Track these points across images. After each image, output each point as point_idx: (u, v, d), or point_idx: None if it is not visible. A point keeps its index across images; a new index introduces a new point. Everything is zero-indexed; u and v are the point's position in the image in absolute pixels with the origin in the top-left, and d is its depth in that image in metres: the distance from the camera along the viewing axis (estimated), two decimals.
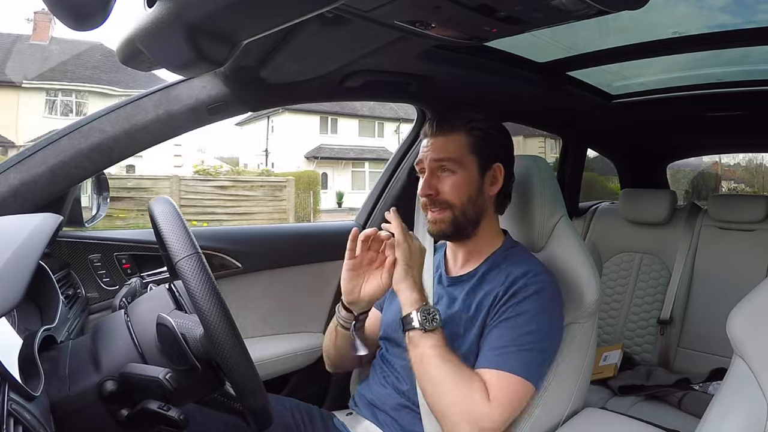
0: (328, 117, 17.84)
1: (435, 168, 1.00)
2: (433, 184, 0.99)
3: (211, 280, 0.63)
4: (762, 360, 0.74)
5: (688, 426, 1.28)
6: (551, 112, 1.79)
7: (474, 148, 1.00)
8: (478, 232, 1.03)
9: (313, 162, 16.92)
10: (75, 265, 1.12)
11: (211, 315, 0.62)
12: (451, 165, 0.99)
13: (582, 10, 0.73)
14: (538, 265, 0.98)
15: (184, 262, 0.62)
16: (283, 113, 16.73)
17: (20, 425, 0.49)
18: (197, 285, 0.62)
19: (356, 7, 0.76)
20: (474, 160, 1.00)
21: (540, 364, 0.91)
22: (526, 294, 0.92)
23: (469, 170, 1.00)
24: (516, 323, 0.90)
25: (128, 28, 0.61)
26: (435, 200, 0.99)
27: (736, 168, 11.71)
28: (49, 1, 0.50)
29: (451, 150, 0.99)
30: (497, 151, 1.03)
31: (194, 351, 0.66)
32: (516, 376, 0.87)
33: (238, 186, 9.07)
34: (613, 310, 2.03)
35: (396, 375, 1.02)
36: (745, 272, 1.76)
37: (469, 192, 0.99)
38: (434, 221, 1.01)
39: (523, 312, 0.91)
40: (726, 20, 1.17)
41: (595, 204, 2.28)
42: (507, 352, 0.88)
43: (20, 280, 0.53)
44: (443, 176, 1.00)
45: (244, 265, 1.34)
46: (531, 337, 0.89)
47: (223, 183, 9.13)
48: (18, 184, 0.96)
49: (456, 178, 0.99)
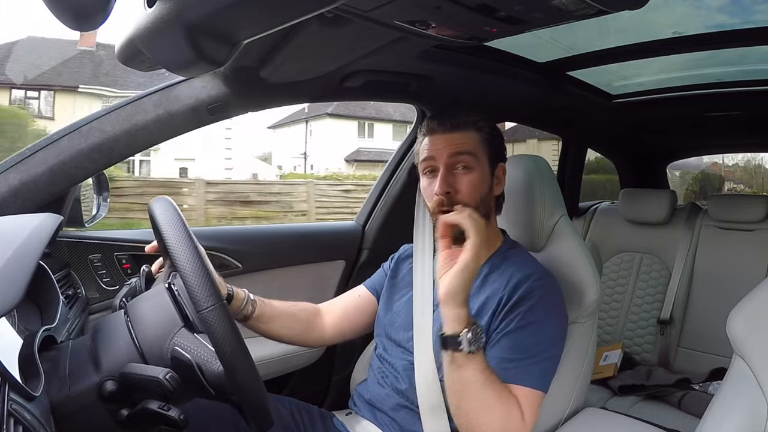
0: (365, 122, 18.41)
1: (451, 164, 0.96)
2: (451, 182, 0.95)
3: (237, 332, 0.64)
4: (762, 360, 0.74)
5: (688, 426, 1.28)
6: (551, 112, 1.79)
7: (485, 146, 0.98)
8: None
9: (353, 164, 17.34)
10: (75, 265, 1.12)
11: (236, 367, 0.63)
12: (470, 160, 0.96)
13: (582, 10, 0.73)
14: (540, 268, 0.97)
15: (210, 314, 0.62)
16: (324, 118, 17.43)
17: (20, 425, 0.49)
18: (223, 337, 0.62)
19: (356, 7, 0.75)
20: (486, 158, 0.98)
21: (551, 372, 0.90)
22: (532, 302, 0.90)
23: (483, 168, 0.98)
24: (526, 333, 0.89)
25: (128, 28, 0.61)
26: (453, 199, 0.94)
27: (734, 168, 11.86)
28: (49, 1, 0.50)
29: (467, 145, 0.97)
30: (502, 151, 1.03)
31: (210, 382, 0.66)
32: (536, 391, 0.86)
33: (359, 189, 9.70)
34: (613, 309, 2.03)
35: (395, 375, 1.02)
36: (745, 272, 1.76)
37: (482, 191, 0.97)
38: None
39: (533, 321, 0.89)
40: (724, 20, 1.17)
41: (595, 204, 2.28)
42: (523, 365, 0.87)
43: (20, 280, 0.53)
44: (460, 173, 0.96)
45: (244, 265, 1.34)
46: (542, 346, 0.88)
47: (347, 187, 9.84)
48: (18, 184, 0.96)
49: (473, 175, 0.96)
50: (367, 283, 1.18)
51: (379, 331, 1.09)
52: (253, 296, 1.01)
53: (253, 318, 1.00)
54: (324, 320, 1.13)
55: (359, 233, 1.60)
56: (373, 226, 1.60)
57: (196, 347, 0.67)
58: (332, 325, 1.13)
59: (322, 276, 1.49)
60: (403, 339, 1.02)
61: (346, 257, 1.54)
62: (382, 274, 1.17)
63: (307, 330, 1.09)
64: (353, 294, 1.18)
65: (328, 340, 1.14)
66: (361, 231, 1.61)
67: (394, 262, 1.16)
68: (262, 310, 1.01)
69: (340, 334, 1.14)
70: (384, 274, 1.16)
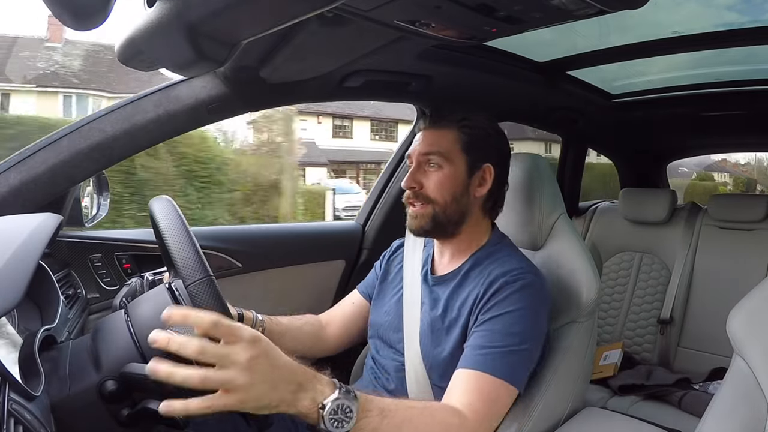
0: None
1: (422, 161, 0.99)
2: (418, 178, 0.98)
3: (226, 308, 0.63)
4: (762, 359, 0.74)
5: (688, 426, 1.28)
6: (551, 112, 1.79)
7: (464, 146, 0.98)
8: (461, 233, 1.00)
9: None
10: (75, 265, 1.12)
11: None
12: (438, 159, 0.97)
13: (582, 9, 0.73)
14: (522, 263, 0.95)
15: (196, 287, 0.62)
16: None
17: (20, 425, 0.49)
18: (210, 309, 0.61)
19: (356, 7, 0.76)
20: (463, 157, 0.98)
21: (523, 366, 0.88)
22: (508, 292, 0.89)
23: (456, 167, 0.98)
24: (498, 323, 0.87)
25: (128, 28, 0.61)
26: (418, 194, 0.98)
27: (746, 167, 12.48)
28: (49, 1, 0.50)
29: (440, 144, 0.98)
30: (489, 151, 1.00)
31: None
32: (496, 378, 0.83)
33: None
34: (613, 309, 2.03)
35: (386, 376, 1.01)
36: (745, 272, 1.76)
37: (453, 190, 0.97)
38: (414, 216, 0.99)
39: (506, 312, 0.88)
40: (733, 19, 1.16)
41: (595, 203, 2.28)
42: (489, 353, 0.85)
43: (20, 280, 0.53)
44: (429, 170, 0.98)
45: (244, 265, 1.34)
46: (513, 339, 0.86)
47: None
48: (18, 184, 0.96)
49: (441, 173, 0.97)
50: (360, 287, 1.19)
51: (372, 332, 1.09)
52: (261, 316, 1.02)
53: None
54: (327, 331, 1.14)
55: (359, 233, 1.60)
56: (373, 226, 1.60)
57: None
58: (335, 336, 1.14)
59: (322, 276, 1.49)
60: (393, 340, 1.02)
61: (346, 257, 1.55)
62: (373, 276, 1.18)
63: (314, 343, 1.11)
64: (348, 302, 1.19)
65: (332, 351, 1.15)
66: (361, 231, 1.61)
67: (385, 261, 1.16)
68: (270, 328, 1.02)
69: (342, 343, 1.16)
70: (375, 276, 1.17)
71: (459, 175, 0.98)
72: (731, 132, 2.14)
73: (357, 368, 1.23)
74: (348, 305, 1.18)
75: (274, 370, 0.61)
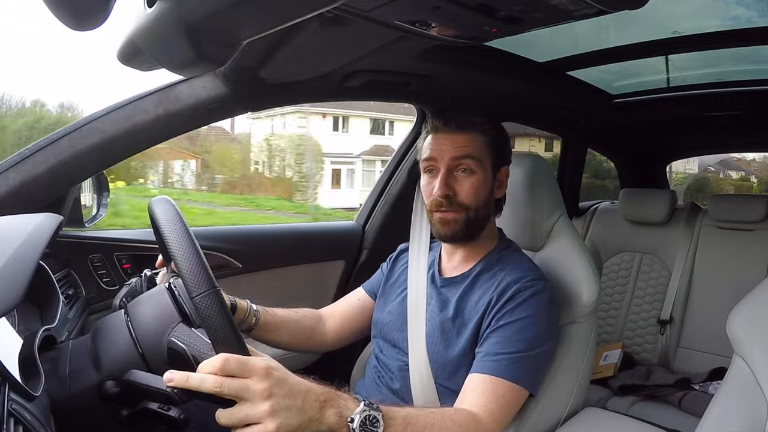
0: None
1: (453, 166, 0.96)
2: (451, 184, 0.95)
3: (231, 319, 0.61)
4: (762, 360, 0.74)
5: (688, 426, 1.28)
6: (551, 112, 1.79)
7: (490, 149, 0.98)
8: (481, 235, 1.01)
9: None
10: (75, 265, 1.12)
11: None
12: (471, 164, 0.95)
13: (582, 9, 0.73)
14: (533, 270, 0.96)
15: (202, 300, 0.61)
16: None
17: (20, 425, 0.49)
18: (216, 324, 0.60)
19: (356, 7, 0.75)
20: (490, 161, 0.98)
21: (537, 370, 0.90)
22: (520, 299, 0.90)
23: (486, 171, 0.97)
24: (512, 329, 0.89)
25: (128, 28, 0.61)
26: (452, 201, 0.95)
27: (752, 163, 13.00)
28: (49, 1, 0.50)
29: (472, 149, 0.96)
30: (507, 154, 1.02)
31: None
32: (510, 383, 0.85)
33: None
34: (613, 309, 2.03)
35: (390, 375, 1.01)
36: (745, 272, 1.76)
37: (484, 195, 0.97)
38: (446, 222, 0.97)
39: (519, 318, 0.89)
40: (734, 19, 1.16)
41: (595, 204, 2.28)
42: (503, 358, 0.86)
43: (20, 280, 0.53)
44: (461, 176, 0.96)
45: (244, 265, 1.34)
46: (527, 343, 0.87)
47: None
48: (18, 184, 0.96)
49: (475, 179, 0.96)
50: (366, 285, 1.19)
51: (375, 332, 1.09)
52: (255, 306, 1.00)
53: (257, 328, 1.00)
54: (325, 326, 1.13)
55: (359, 233, 1.60)
56: (373, 226, 1.60)
57: (193, 340, 0.66)
58: (333, 331, 1.13)
59: (322, 276, 1.49)
60: (398, 339, 1.02)
61: (346, 257, 1.55)
62: (379, 276, 1.17)
63: (310, 336, 1.10)
64: (352, 298, 1.18)
65: (330, 345, 1.15)
66: (361, 231, 1.61)
67: (390, 262, 1.16)
68: (265, 319, 1.01)
69: (341, 338, 1.15)
70: (381, 275, 1.17)
71: (488, 179, 0.98)
72: (732, 132, 2.14)
73: (357, 369, 1.23)
74: (353, 300, 1.17)
75: (294, 394, 0.62)
